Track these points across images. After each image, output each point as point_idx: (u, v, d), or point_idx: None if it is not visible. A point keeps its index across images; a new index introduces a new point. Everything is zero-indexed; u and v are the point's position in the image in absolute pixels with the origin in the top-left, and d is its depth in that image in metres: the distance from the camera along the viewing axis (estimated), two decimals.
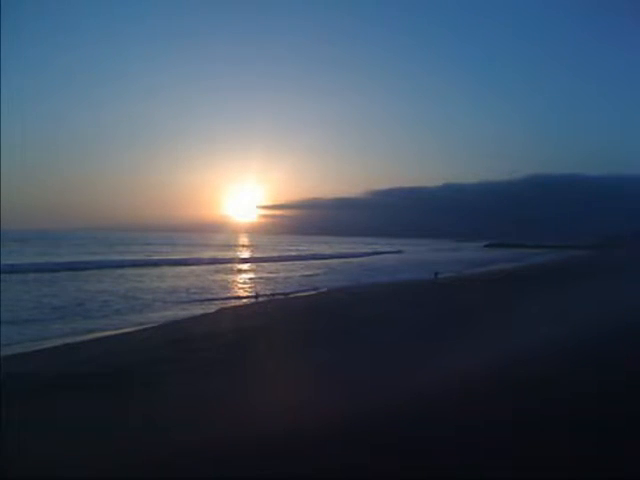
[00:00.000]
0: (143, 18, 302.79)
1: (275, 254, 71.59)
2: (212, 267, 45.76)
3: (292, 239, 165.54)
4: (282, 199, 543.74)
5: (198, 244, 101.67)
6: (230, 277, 36.73)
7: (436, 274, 32.96)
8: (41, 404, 7.63)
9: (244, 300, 23.95)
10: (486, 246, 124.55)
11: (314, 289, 27.96)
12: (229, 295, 25.67)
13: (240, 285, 31.37)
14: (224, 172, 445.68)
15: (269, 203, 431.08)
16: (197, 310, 19.74)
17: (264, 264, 52.64)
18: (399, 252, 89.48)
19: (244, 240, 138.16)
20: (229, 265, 49.87)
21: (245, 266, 50.29)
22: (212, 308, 20.29)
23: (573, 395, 6.52)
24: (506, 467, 4.60)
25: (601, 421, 5.52)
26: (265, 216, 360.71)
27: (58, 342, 13.41)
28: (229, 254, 68.91)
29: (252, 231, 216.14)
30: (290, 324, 15.21)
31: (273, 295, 25.58)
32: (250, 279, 35.72)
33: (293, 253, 78.06)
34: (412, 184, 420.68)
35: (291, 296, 25.05)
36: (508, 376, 7.78)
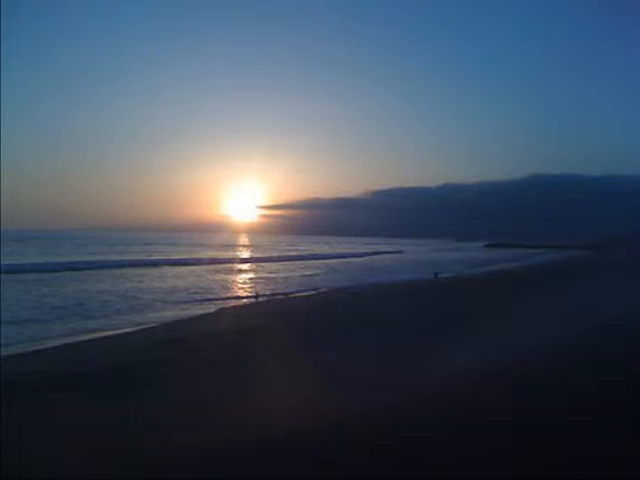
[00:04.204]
0: (143, 18, 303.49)
1: (275, 254, 71.55)
2: (212, 267, 45.74)
3: (292, 239, 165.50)
4: (282, 199, 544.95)
5: (198, 244, 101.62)
6: (230, 277, 36.73)
7: (436, 274, 32.96)
8: (41, 404, 7.63)
9: (244, 300, 23.96)
10: (486, 246, 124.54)
11: (314, 289, 27.95)
12: (229, 295, 25.67)
13: (240, 285, 31.36)
14: (224, 172, 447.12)
15: (269, 203, 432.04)
16: (197, 310, 19.74)
17: (264, 264, 52.62)
18: (399, 252, 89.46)
19: (244, 240, 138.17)
20: (229, 265, 49.85)
21: (245, 266, 50.28)
22: (212, 308, 20.29)
23: (573, 395, 6.51)
24: (506, 467, 4.59)
25: (601, 421, 5.52)
26: (265, 216, 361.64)
27: (58, 342, 13.41)
28: (229, 254, 68.91)
29: (252, 231, 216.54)
30: (290, 324, 15.21)
31: (273, 295, 25.58)
32: (250, 279, 35.71)
33: (293, 253, 78.02)
34: (412, 184, 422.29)
35: (291, 296, 25.05)
36: (508, 376, 7.77)
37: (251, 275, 39.36)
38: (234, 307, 21.18)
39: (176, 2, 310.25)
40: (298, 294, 25.86)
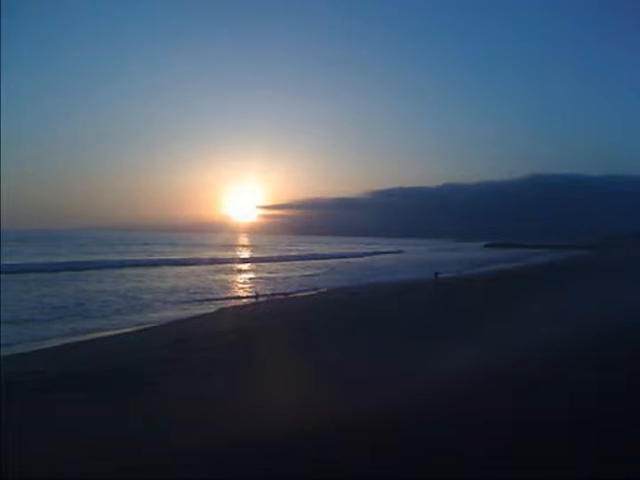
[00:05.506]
0: (143, 18, 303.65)
1: (275, 254, 71.54)
2: (212, 267, 45.74)
3: (292, 239, 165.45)
4: (282, 199, 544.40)
5: (198, 244, 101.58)
6: (230, 277, 36.72)
7: (436, 274, 32.94)
8: (41, 404, 7.62)
9: (244, 300, 23.95)
10: (486, 246, 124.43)
11: (314, 289, 27.94)
12: (229, 295, 25.66)
13: (240, 285, 31.36)
14: (224, 172, 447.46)
15: (269, 203, 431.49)
16: (197, 310, 19.74)
17: (264, 264, 52.61)
18: (399, 252, 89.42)
19: (244, 240, 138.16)
20: (229, 265, 49.85)
21: (245, 266, 50.27)
22: (212, 308, 20.29)
23: (573, 395, 6.51)
24: (506, 467, 4.59)
25: (601, 421, 5.52)
26: (265, 216, 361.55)
27: (58, 342, 13.41)
28: (229, 254, 68.90)
29: (252, 231, 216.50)
30: (290, 324, 15.20)
31: (273, 295, 25.57)
32: (250, 279, 35.71)
33: (293, 253, 78.00)
34: (412, 184, 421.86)
35: (291, 296, 25.04)
36: (508, 376, 7.77)
37: (251, 275, 39.35)
38: (234, 307, 21.18)
39: (176, 2, 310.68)
40: (298, 294, 25.85)
